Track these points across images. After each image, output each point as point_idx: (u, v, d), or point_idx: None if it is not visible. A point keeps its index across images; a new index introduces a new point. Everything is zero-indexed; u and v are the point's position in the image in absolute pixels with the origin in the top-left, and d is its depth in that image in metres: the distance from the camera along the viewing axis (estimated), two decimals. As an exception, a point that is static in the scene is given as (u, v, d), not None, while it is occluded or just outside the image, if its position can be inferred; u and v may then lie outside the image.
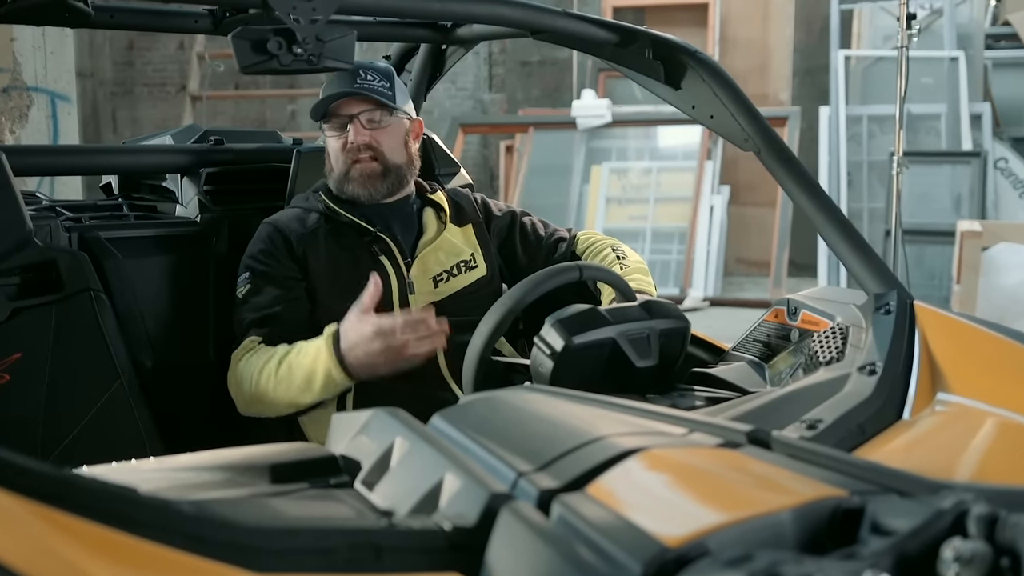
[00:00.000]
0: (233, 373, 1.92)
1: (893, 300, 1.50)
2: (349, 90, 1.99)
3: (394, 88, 2.05)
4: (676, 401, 1.50)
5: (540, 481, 0.96)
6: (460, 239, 2.12)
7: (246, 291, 1.97)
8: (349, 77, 1.99)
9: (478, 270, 2.11)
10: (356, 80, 2.00)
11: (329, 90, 2.01)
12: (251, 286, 1.97)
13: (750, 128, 1.72)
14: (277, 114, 9.74)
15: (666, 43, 1.83)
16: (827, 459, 1.02)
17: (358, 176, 2.02)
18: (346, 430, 1.23)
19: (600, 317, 1.52)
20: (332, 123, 2.02)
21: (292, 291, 1.97)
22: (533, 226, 2.24)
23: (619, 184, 8.19)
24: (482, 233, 2.17)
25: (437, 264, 2.06)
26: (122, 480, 1.11)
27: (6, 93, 4.12)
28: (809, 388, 1.33)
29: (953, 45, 7.59)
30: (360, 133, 2.00)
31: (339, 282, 1.97)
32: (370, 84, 2.00)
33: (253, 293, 1.96)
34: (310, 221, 2.02)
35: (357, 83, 1.99)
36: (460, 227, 2.14)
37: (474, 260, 2.11)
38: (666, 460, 1.00)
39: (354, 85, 1.99)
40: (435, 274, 2.05)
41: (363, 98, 2.00)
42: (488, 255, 2.14)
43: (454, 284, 2.06)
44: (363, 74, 2.01)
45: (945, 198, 7.10)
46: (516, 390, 1.28)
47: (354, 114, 2.00)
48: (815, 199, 1.65)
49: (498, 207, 2.25)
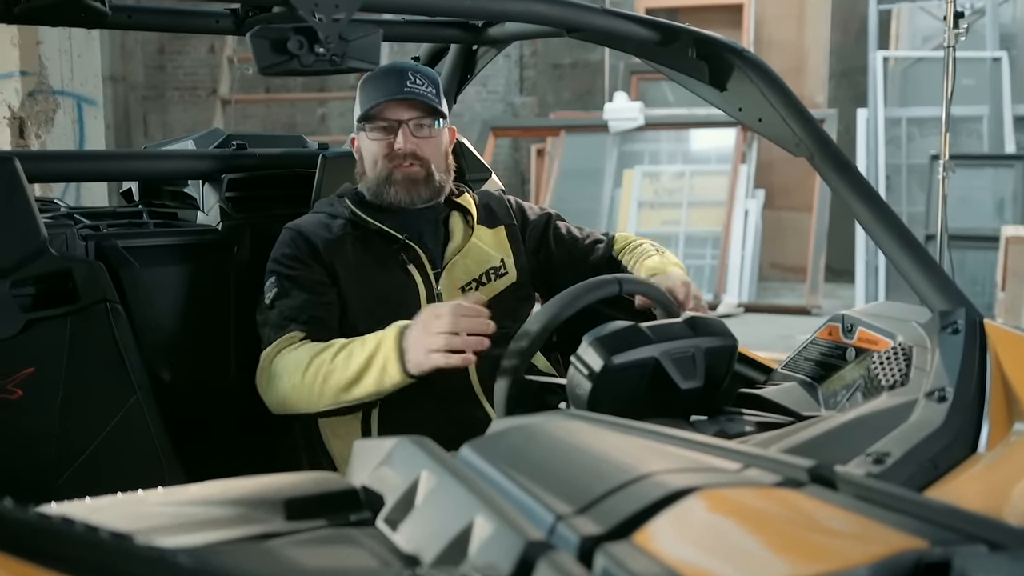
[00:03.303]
0: (267, 369, 1.81)
1: (961, 318, 1.39)
2: (401, 92, 1.89)
3: (440, 95, 1.96)
4: (724, 426, 1.40)
5: (581, 526, 0.86)
6: (490, 243, 2.03)
7: (274, 295, 1.87)
8: (397, 79, 1.90)
9: (508, 276, 2.02)
10: (406, 84, 1.90)
11: (376, 92, 1.91)
12: (279, 290, 1.87)
13: (802, 132, 1.62)
14: (307, 117, 9.72)
15: (711, 41, 1.72)
16: (900, 501, 0.92)
17: (402, 180, 1.92)
18: (369, 459, 1.14)
19: (641, 335, 1.42)
20: (376, 126, 1.92)
21: (323, 296, 1.87)
22: (568, 230, 2.15)
23: (652, 188, 8.08)
24: (514, 235, 2.08)
25: (465, 273, 1.97)
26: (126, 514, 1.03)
27: (32, 97, 4.09)
28: (872, 416, 1.22)
29: (996, 45, 7.41)
30: (408, 140, 1.91)
31: (369, 291, 1.88)
32: (420, 89, 1.91)
33: (282, 296, 1.86)
34: (335, 227, 1.93)
35: (407, 87, 1.90)
36: (491, 228, 2.05)
37: (504, 266, 2.02)
38: (722, 502, 0.90)
39: (404, 89, 1.89)
40: (463, 284, 1.96)
41: (413, 103, 1.91)
42: (519, 259, 2.05)
43: (484, 293, 1.97)
44: (412, 77, 1.91)
45: (987, 202, 6.94)
46: (553, 418, 1.18)
47: (403, 120, 1.91)
48: (873, 208, 1.54)
49: (533, 210, 2.16)
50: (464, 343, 1.55)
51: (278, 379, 1.79)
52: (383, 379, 1.67)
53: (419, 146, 1.92)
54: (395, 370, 1.64)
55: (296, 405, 1.79)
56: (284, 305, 1.85)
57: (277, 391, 1.79)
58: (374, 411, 1.87)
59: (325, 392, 1.73)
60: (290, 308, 1.84)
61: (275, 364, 1.80)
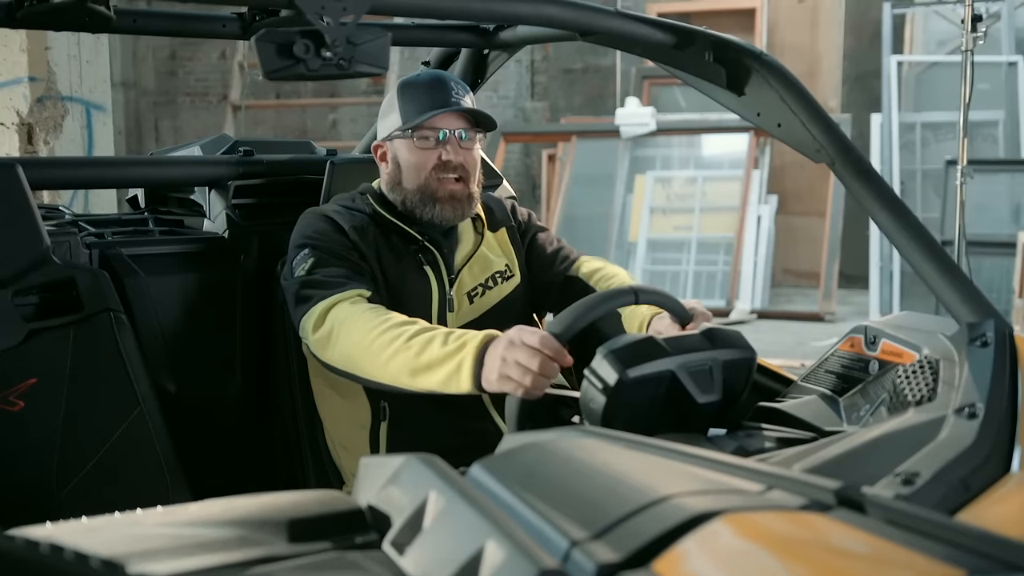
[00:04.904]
0: (326, 317, 1.69)
1: (990, 330, 1.33)
2: (451, 102, 1.84)
3: (474, 105, 1.92)
4: (743, 442, 1.35)
5: (597, 553, 0.82)
6: (495, 247, 2.00)
7: (311, 264, 1.77)
8: (444, 89, 1.85)
9: (514, 279, 1.98)
10: (451, 94, 1.85)
11: (426, 101, 1.85)
12: (316, 260, 1.78)
13: (823, 138, 1.57)
14: (318, 123, 9.70)
15: (728, 45, 1.68)
16: (933, 526, 0.87)
17: (447, 199, 1.86)
18: (376, 477, 1.10)
19: (657, 347, 1.38)
20: (425, 135, 1.86)
21: (360, 269, 1.80)
22: (544, 238, 2.08)
23: (663, 193, 8.04)
24: (515, 237, 2.05)
25: (471, 279, 1.94)
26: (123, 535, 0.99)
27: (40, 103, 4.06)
28: (899, 433, 1.17)
29: (1012, 50, 7.35)
30: (457, 151, 1.86)
31: (387, 282, 1.84)
32: (464, 100, 1.86)
33: (320, 265, 1.77)
34: (357, 219, 1.88)
35: (454, 97, 1.85)
36: (494, 232, 2.02)
37: (509, 269, 1.99)
38: (746, 527, 0.85)
39: (451, 99, 1.85)
40: (469, 289, 1.93)
41: (460, 114, 1.86)
42: (521, 260, 2.03)
43: (490, 298, 1.93)
44: (454, 87, 1.87)
45: (1003, 208, 6.87)
46: (566, 434, 1.14)
47: (453, 130, 1.86)
48: (897, 216, 1.49)
49: (521, 212, 2.11)
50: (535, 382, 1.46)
51: (344, 330, 1.67)
52: (451, 381, 1.57)
53: (464, 158, 1.88)
54: (467, 378, 1.54)
55: (358, 365, 1.66)
56: (326, 271, 1.76)
57: (342, 343, 1.67)
58: (383, 423, 1.83)
59: (389, 367, 1.62)
60: (334, 272, 1.75)
61: (338, 312, 1.69)
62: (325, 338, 1.70)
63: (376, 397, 1.82)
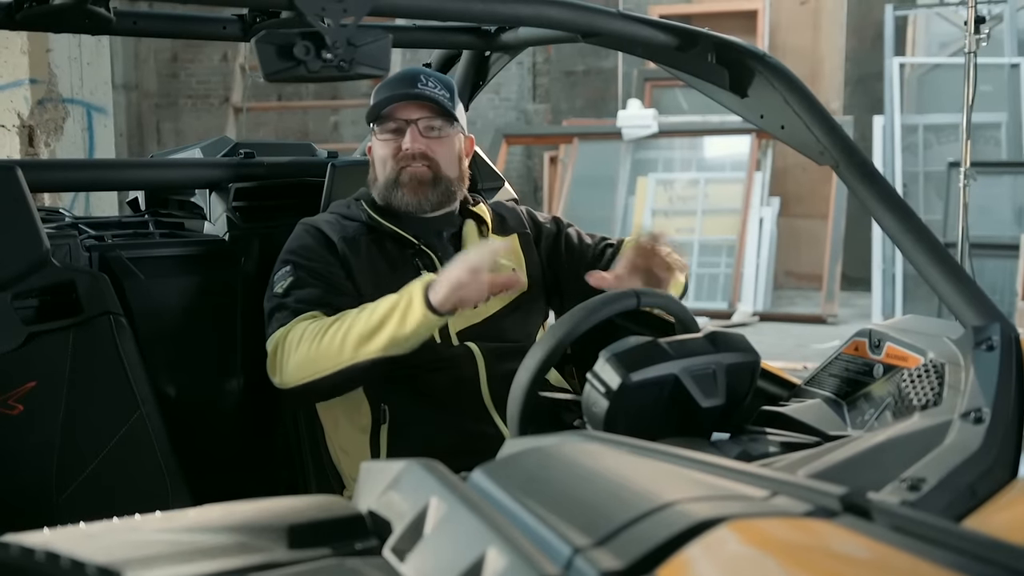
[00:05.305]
0: (281, 343, 1.73)
1: (996, 334, 1.32)
2: (410, 92, 1.87)
3: (454, 100, 1.93)
4: (747, 446, 1.34)
5: (601, 560, 0.81)
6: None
7: (289, 284, 1.79)
8: (409, 81, 1.88)
9: (519, 286, 1.96)
10: (417, 85, 1.88)
11: (386, 92, 1.88)
12: (294, 280, 1.80)
13: (826, 140, 1.56)
14: (319, 125, 9.70)
15: (731, 46, 1.67)
16: (940, 533, 0.86)
17: (408, 181, 1.88)
18: (376, 482, 1.09)
19: (660, 351, 1.37)
20: (385, 126, 1.89)
21: (340, 285, 1.82)
22: (579, 235, 2.09)
23: (665, 196, 8.03)
24: (527, 244, 2.03)
25: (476, 282, 1.92)
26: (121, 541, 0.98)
27: (41, 105, 4.06)
28: (904, 437, 1.16)
29: (1014, 52, 7.33)
30: (416, 140, 1.87)
31: (380, 293, 1.84)
32: (431, 91, 1.88)
33: (297, 287, 1.79)
34: (351, 229, 1.89)
35: (418, 87, 1.87)
36: (504, 237, 2.01)
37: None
38: (751, 534, 0.84)
39: (414, 90, 1.87)
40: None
41: (423, 104, 1.88)
42: (531, 269, 2.01)
43: (493, 303, 1.92)
44: (424, 79, 1.89)
45: (1006, 210, 6.85)
46: (569, 439, 1.13)
47: (412, 119, 1.88)
48: (902, 219, 1.48)
49: (543, 216, 2.12)
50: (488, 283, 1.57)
51: (293, 349, 1.70)
52: (405, 320, 1.61)
53: (428, 147, 1.88)
54: (418, 305, 1.60)
55: (313, 368, 1.69)
56: (299, 295, 1.78)
57: (293, 359, 1.70)
58: (383, 426, 1.82)
59: (346, 345, 1.65)
60: (306, 297, 1.77)
61: (290, 335, 1.72)
62: (272, 362, 1.75)
63: (376, 400, 1.81)
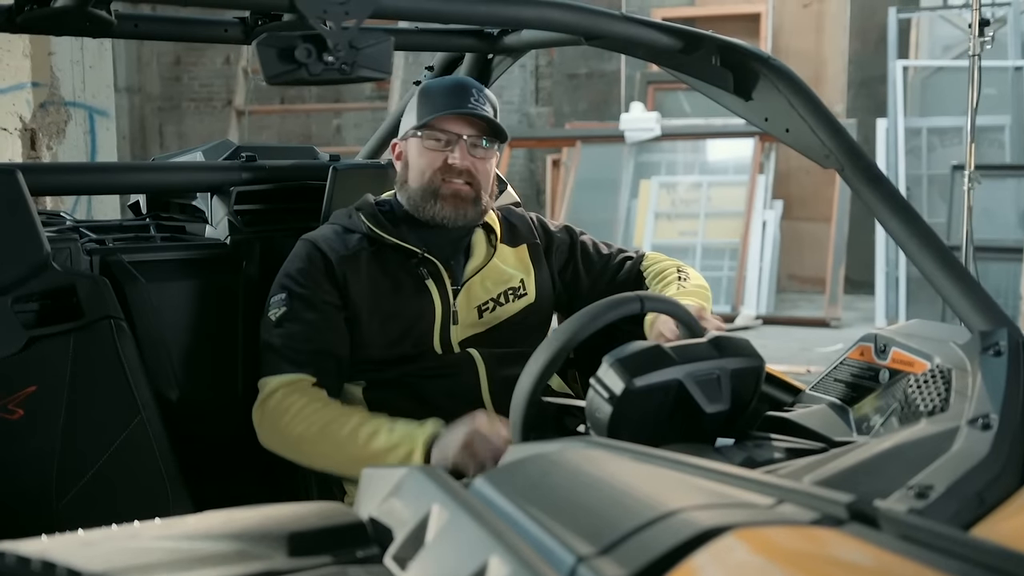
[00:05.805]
0: (270, 402, 1.75)
1: (1003, 339, 1.31)
2: (464, 108, 1.84)
3: (497, 117, 1.91)
4: (752, 452, 1.33)
5: (604, 569, 0.80)
6: (511, 262, 1.97)
7: (281, 314, 1.81)
8: (462, 94, 1.85)
9: (526, 298, 1.95)
10: (470, 100, 1.85)
11: (439, 102, 1.85)
12: (288, 309, 1.81)
13: (831, 143, 1.55)
14: (322, 128, 9.70)
15: (735, 49, 1.66)
16: (949, 542, 0.85)
17: (450, 196, 1.86)
18: (378, 488, 1.08)
19: (664, 356, 1.35)
20: (433, 136, 1.86)
21: (331, 319, 1.82)
22: (595, 247, 2.08)
23: (668, 199, 8.01)
24: (537, 254, 2.01)
25: (483, 292, 1.91)
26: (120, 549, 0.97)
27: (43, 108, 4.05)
28: (911, 444, 1.15)
29: (1018, 54, 7.31)
30: (465, 157, 1.85)
31: (379, 310, 1.83)
32: (482, 108, 1.86)
33: (289, 318, 1.80)
34: (351, 242, 1.87)
35: (471, 103, 1.85)
36: (513, 247, 1.99)
37: (523, 287, 1.95)
38: (757, 543, 0.83)
39: (468, 104, 1.84)
40: (480, 303, 1.90)
41: (473, 120, 1.86)
42: (540, 279, 1.99)
43: (500, 314, 1.91)
44: (476, 95, 1.86)
45: (1010, 213, 6.83)
46: (572, 446, 1.12)
47: (463, 135, 1.85)
48: (908, 223, 1.46)
49: (555, 225, 2.10)
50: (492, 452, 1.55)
51: (284, 423, 1.73)
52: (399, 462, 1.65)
53: (474, 164, 1.86)
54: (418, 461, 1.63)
55: (295, 454, 1.75)
56: (291, 330, 1.79)
57: (278, 436, 1.74)
58: (385, 432, 1.81)
59: (332, 456, 1.70)
60: (297, 336, 1.78)
61: (283, 404, 1.74)
62: (258, 414, 1.77)
63: (377, 407, 1.80)
